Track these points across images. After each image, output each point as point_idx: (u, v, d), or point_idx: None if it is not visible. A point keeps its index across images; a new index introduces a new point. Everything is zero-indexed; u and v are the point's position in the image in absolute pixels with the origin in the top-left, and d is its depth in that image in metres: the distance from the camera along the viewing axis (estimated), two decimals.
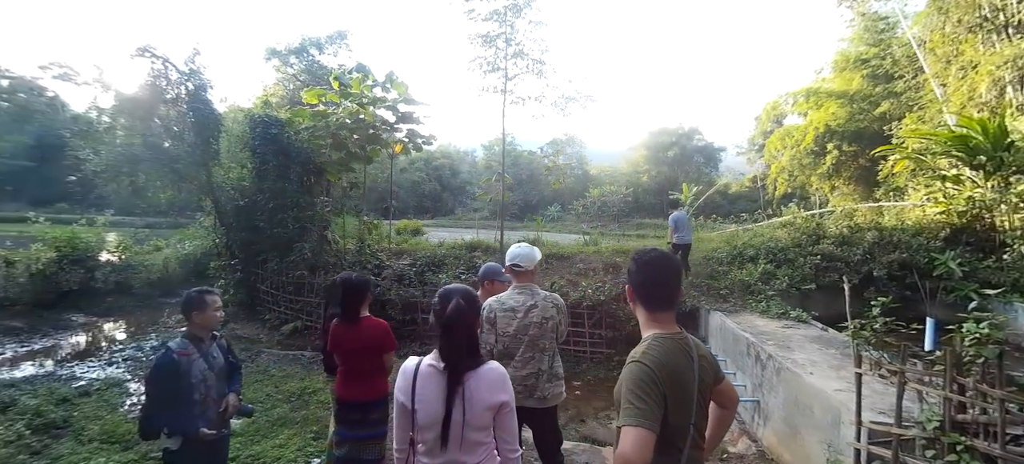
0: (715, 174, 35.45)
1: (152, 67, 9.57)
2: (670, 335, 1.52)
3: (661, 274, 1.58)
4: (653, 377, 1.38)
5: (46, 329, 9.28)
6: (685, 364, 1.49)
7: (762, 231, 10.82)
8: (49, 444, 4.73)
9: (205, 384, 2.65)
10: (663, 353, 1.45)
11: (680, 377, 1.46)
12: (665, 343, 1.48)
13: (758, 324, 6.19)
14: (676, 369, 1.45)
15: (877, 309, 2.72)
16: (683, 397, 1.46)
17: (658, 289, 1.57)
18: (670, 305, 1.57)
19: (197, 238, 13.85)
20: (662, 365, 1.41)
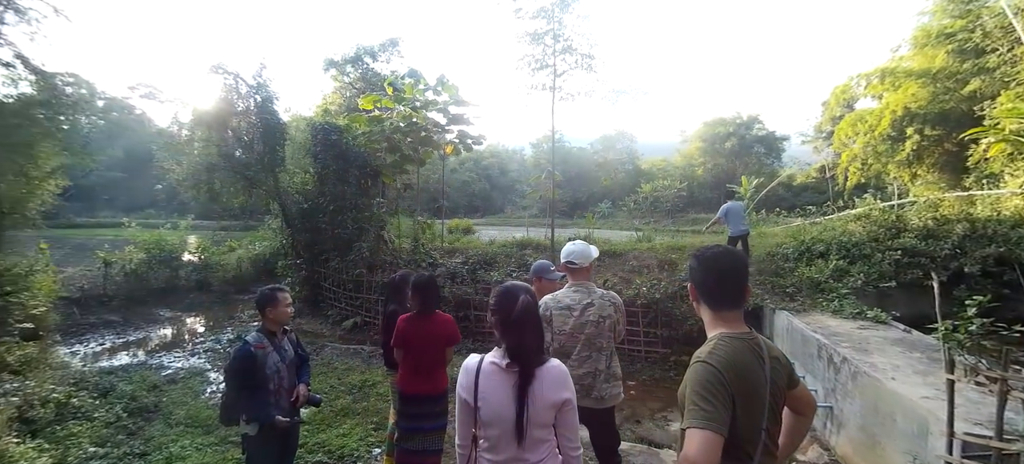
0: (778, 165, 33.44)
1: (225, 82, 10.34)
2: (738, 335, 1.44)
3: (725, 270, 1.50)
4: (720, 378, 1.32)
5: (138, 322, 10.27)
6: (755, 365, 1.41)
7: (833, 224, 10.09)
8: (143, 426, 5.23)
9: (278, 375, 2.83)
10: (731, 353, 1.38)
11: (750, 379, 1.38)
12: (733, 343, 1.41)
13: (830, 324, 5.79)
14: (745, 370, 1.38)
15: (973, 309, 2.46)
16: (753, 400, 1.38)
17: (722, 286, 1.50)
18: (736, 303, 1.50)
19: (266, 239, 14.82)
20: (730, 365, 1.35)
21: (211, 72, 10.25)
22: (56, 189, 10.49)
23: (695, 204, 30.40)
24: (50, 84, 9.39)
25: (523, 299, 1.69)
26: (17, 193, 8.96)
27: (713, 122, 34.62)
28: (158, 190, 16.92)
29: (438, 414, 3.28)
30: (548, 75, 9.81)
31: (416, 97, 10.03)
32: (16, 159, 8.72)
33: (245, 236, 16.52)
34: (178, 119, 11.42)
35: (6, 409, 4.50)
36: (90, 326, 9.66)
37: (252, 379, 2.75)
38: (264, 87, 10.54)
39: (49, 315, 7.75)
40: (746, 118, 33.98)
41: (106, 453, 4.48)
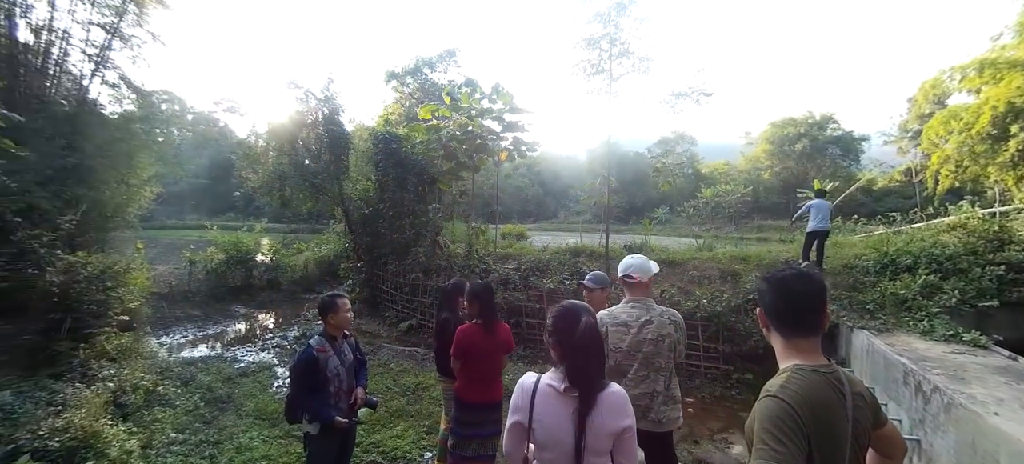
0: (855, 168, 30.95)
1: (297, 96, 11.06)
2: (815, 367, 1.29)
3: (799, 294, 1.34)
4: (794, 416, 1.18)
5: (216, 317, 11.14)
6: (835, 402, 1.26)
7: (921, 234, 9.13)
8: (217, 415, 5.63)
9: (338, 378, 2.97)
10: (806, 388, 1.24)
11: (829, 418, 1.23)
12: (809, 377, 1.27)
13: (918, 347, 5.22)
14: (823, 408, 1.23)
15: None
16: (832, 442, 1.23)
17: (796, 312, 1.35)
18: (812, 330, 1.35)
19: (330, 242, 15.65)
20: (805, 402, 1.21)
21: (286, 87, 11.02)
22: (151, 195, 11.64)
23: (761, 210, 28.80)
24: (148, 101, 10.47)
25: (585, 321, 1.62)
26: (119, 199, 10.03)
27: (781, 122, 32.65)
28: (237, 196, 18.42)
29: (495, 421, 3.31)
30: (604, 80, 9.65)
31: (472, 105, 10.21)
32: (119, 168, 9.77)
33: (312, 239, 17.53)
34: (255, 131, 12.34)
35: (103, 393, 5.00)
36: (175, 319, 10.60)
37: (314, 381, 2.89)
38: (331, 100, 11.15)
39: (142, 308, 8.55)
40: (819, 117, 31.77)
41: (185, 439, 4.86)
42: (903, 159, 27.68)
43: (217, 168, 36.74)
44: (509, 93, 10.02)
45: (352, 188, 11.55)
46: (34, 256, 5.84)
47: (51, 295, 5.85)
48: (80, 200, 7.78)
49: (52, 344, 5.69)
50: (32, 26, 8.29)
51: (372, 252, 10.95)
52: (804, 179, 26.55)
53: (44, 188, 6.94)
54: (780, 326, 1.38)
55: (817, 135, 31.07)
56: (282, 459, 4.50)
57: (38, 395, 4.64)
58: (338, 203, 11.29)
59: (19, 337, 5.41)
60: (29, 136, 6.66)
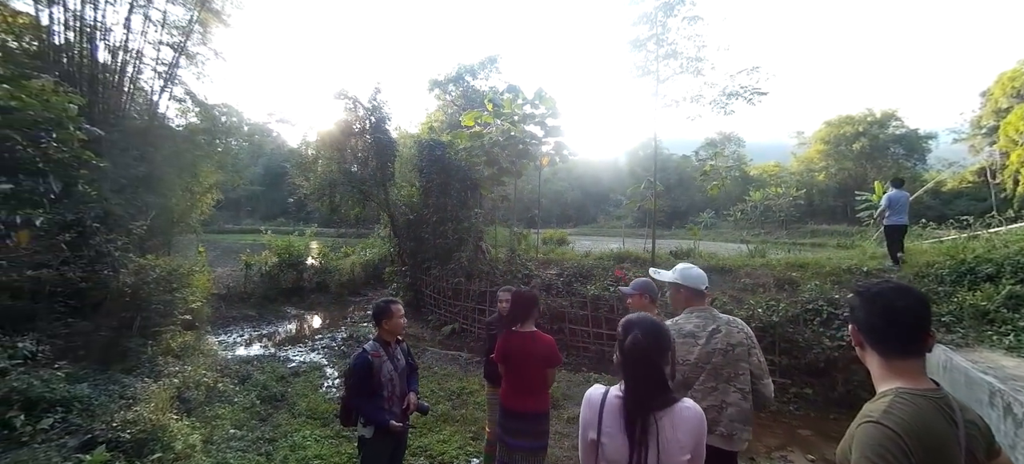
0: (922, 168, 28.86)
1: (345, 106, 11.44)
2: (922, 392, 1.18)
3: (900, 310, 1.23)
4: (900, 445, 1.08)
5: (270, 317, 11.64)
6: (946, 431, 1.15)
7: (1004, 240, 8.34)
8: (272, 413, 5.85)
9: (391, 383, 3.01)
10: (913, 415, 1.13)
11: (938, 446, 1.12)
12: (916, 401, 1.16)
13: (1004, 365, 4.75)
14: (932, 436, 1.12)
15: None
16: None
17: (898, 329, 1.24)
18: (917, 351, 1.23)
19: (375, 247, 16.08)
20: (912, 431, 1.11)
21: (335, 97, 11.42)
22: (212, 201, 12.36)
23: (815, 214, 27.37)
24: (210, 114, 11.15)
25: (632, 336, 1.58)
26: (184, 205, 10.71)
27: (838, 121, 30.92)
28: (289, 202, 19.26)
29: (539, 433, 3.21)
30: (650, 82, 9.43)
31: (514, 111, 10.23)
32: (184, 177, 10.44)
33: (358, 244, 18.08)
34: (306, 140, 12.90)
35: (169, 389, 5.30)
36: (232, 319, 11.16)
37: (369, 385, 2.94)
38: (379, 109, 11.48)
39: (203, 308, 9.05)
40: (879, 115, 29.87)
41: (242, 435, 5.07)
42: (976, 158, 25.57)
43: (271, 175, 38.66)
44: (551, 98, 9.98)
45: (397, 194, 11.83)
46: (110, 259, 6.28)
47: (124, 295, 6.28)
48: (149, 207, 8.34)
49: (124, 340, 6.10)
50: (110, 47, 9.01)
51: (416, 256, 11.16)
52: (863, 181, 24.95)
53: (119, 196, 7.48)
54: (878, 345, 1.28)
55: (878, 134, 29.19)
56: (333, 459, 4.61)
57: (111, 388, 4.98)
58: (384, 208, 11.59)
59: (96, 334, 5.82)
60: (106, 148, 7.21)
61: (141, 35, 9.36)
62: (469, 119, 11.00)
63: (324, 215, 16.31)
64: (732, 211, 21.68)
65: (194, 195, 11.21)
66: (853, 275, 7.57)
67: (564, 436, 4.94)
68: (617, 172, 42.48)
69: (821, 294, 6.93)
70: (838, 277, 7.57)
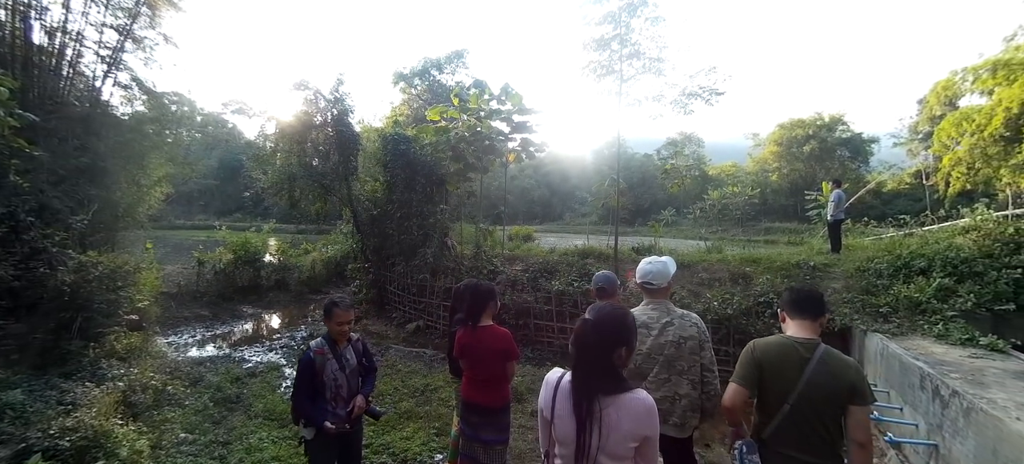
0: (865, 170, 30.68)
1: (306, 97, 11.07)
2: (794, 338, 2.16)
3: (798, 294, 2.32)
4: (753, 354, 2.17)
5: (225, 317, 11.19)
6: (790, 360, 2.08)
7: (935, 237, 9.01)
8: (226, 415, 5.63)
9: (335, 383, 2.91)
10: (774, 345, 2.17)
11: (778, 366, 2.10)
12: (783, 341, 2.17)
13: (934, 351, 5.14)
14: (777, 358, 2.11)
15: None
16: (781, 381, 2.08)
17: (795, 304, 2.28)
18: (801, 316, 2.22)
19: (337, 243, 15.69)
20: (764, 349, 2.16)
21: (294, 89, 11.02)
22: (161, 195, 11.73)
23: (769, 212, 28.61)
24: (159, 103, 10.59)
25: (582, 323, 1.66)
26: (130, 199, 10.12)
27: (790, 124, 32.43)
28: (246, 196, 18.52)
29: (500, 427, 3.23)
30: (613, 81, 9.60)
31: (481, 107, 10.19)
32: (130, 169, 9.87)
33: (319, 240, 17.60)
34: (264, 132, 12.37)
35: (113, 393, 5.02)
36: (184, 319, 10.65)
37: (310, 384, 2.86)
38: (341, 101, 11.18)
39: (151, 308, 8.60)
40: (828, 119, 31.51)
41: (194, 439, 4.87)
42: (913, 161, 27.41)
43: (226, 168, 37.08)
44: (518, 94, 10.00)
45: (360, 189, 11.57)
46: (46, 255, 5.89)
47: (62, 294, 5.89)
48: (92, 200, 7.85)
49: (63, 343, 5.73)
50: (46, 28, 8.40)
51: (380, 253, 10.97)
52: (813, 181, 26.30)
53: (57, 188, 7.01)
54: (786, 312, 2.31)
55: (826, 137, 30.83)
56: (292, 460, 4.49)
57: (49, 394, 4.67)
58: (346, 204, 11.31)
59: (31, 336, 5.44)
60: (43, 136, 6.73)
61: (82, 15, 8.77)
62: (435, 113, 10.89)
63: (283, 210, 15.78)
64: (692, 209, 22.42)
65: (142, 188, 10.60)
66: (801, 269, 7.99)
67: (528, 429, 4.99)
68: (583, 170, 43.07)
69: (772, 288, 7.28)
70: (788, 272, 7.97)
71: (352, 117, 11.43)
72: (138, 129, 10.03)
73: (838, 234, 9.77)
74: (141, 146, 9.89)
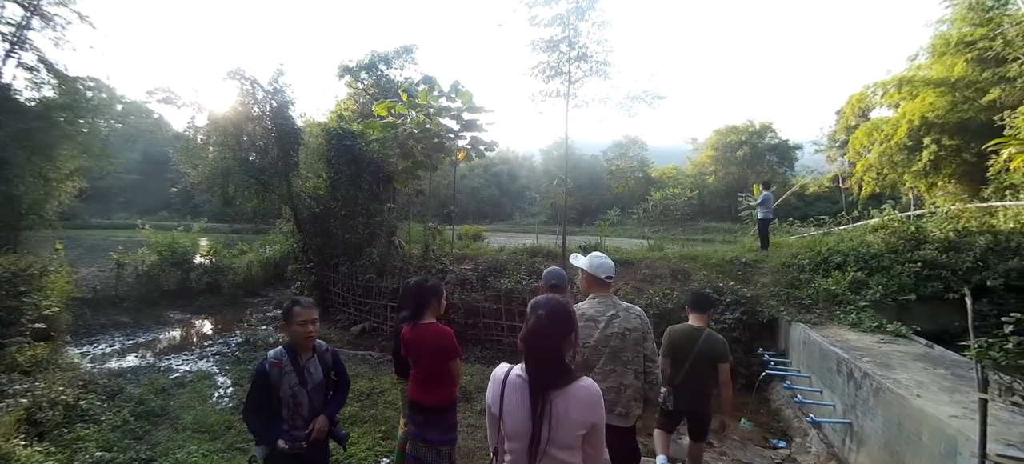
0: (790, 174, 33.06)
1: (241, 88, 10.42)
2: (689, 325, 3.67)
3: (696, 294, 3.93)
4: (670, 337, 3.67)
5: (148, 324, 10.32)
6: (689, 338, 3.58)
7: (850, 235, 9.89)
8: (150, 430, 5.21)
9: (293, 399, 2.55)
10: (679, 329, 3.67)
11: (682, 342, 3.60)
12: (685, 326, 3.67)
13: (849, 338, 5.64)
14: (681, 338, 3.60)
15: (1010, 326, 2.35)
16: (684, 351, 3.56)
17: (693, 303, 3.77)
18: (697, 309, 3.71)
19: (277, 243, 14.91)
20: (674, 333, 3.65)
21: (228, 78, 10.36)
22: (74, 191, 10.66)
23: (706, 213, 30.15)
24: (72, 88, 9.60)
25: (535, 317, 1.65)
26: (36, 194, 9.12)
27: (725, 130, 34.37)
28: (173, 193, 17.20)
29: (446, 426, 3.19)
30: (562, 82, 9.78)
31: (430, 103, 10.05)
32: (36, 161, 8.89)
33: (256, 240, 16.65)
34: (194, 124, 11.48)
35: (14, 410, 4.51)
36: (101, 327, 9.74)
37: (263, 398, 2.50)
38: (280, 92, 10.62)
39: (61, 315, 7.82)
40: (758, 126, 33.69)
41: (112, 458, 4.45)
42: (831, 167, 29.88)
43: (151, 163, 34.23)
44: (468, 92, 9.95)
45: (302, 186, 11.05)
46: None
47: None
48: None
49: None
50: None
51: (323, 253, 10.53)
52: (745, 184, 28.03)
53: None
54: (689, 308, 3.75)
55: (757, 143, 32.93)
56: None
57: None
58: (286, 201, 10.76)
59: None
60: None
61: None
62: (382, 108, 10.62)
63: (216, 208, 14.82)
64: (636, 209, 23.22)
65: (50, 183, 9.58)
66: (734, 265, 8.51)
67: (477, 428, 4.98)
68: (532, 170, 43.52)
69: (708, 283, 7.70)
70: (723, 267, 8.47)
71: (293, 110, 10.91)
72: (46, 117, 9.04)
73: (766, 233, 10.47)
74: (49, 136, 8.93)
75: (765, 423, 5.65)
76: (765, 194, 10.79)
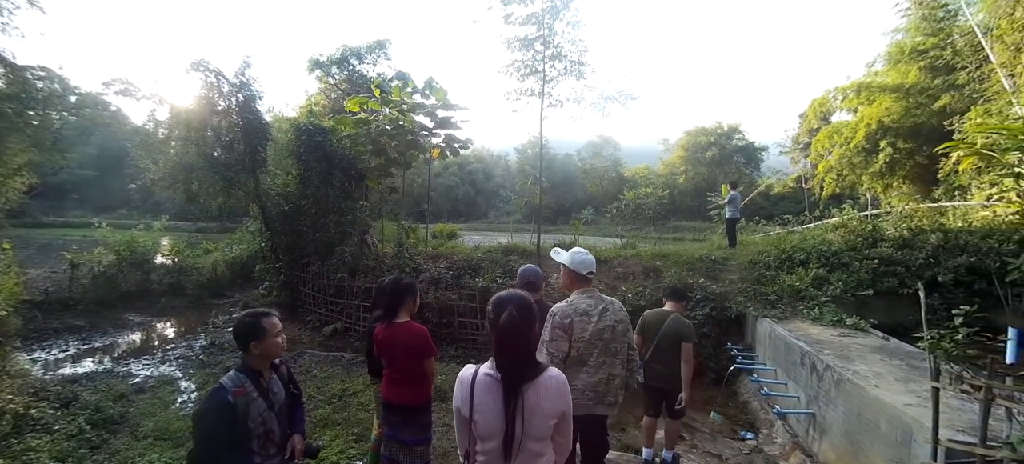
0: (757, 175, 34.12)
1: (206, 80, 10.03)
2: (662, 310, 4.31)
3: (671, 287, 4.65)
4: (642, 320, 4.32)
5: (106, 328, 9.83)
6: (658, 321, 4.20)
7: (812, 234, 10.29)
8: (107, 439, 4.97)
9: (264, 427, 2.18)
10: (652, 313, 4.36)
11: (652, 324, 4.23)
12: (656, 311, 4.34)
13: (812, 332, 5.86)
14: (652, 320, 4.26)
15: (960, 318, 2.49)
16: (653, 330, 4.18)
17: (669, 294, 4.49)
18: (671, 300, 4.42)
19: (244, 242, 14.45)
20: (647, 316, 4.33)
21: (191, 69, 9.95)
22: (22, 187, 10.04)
23: (677, 212, 30.80)
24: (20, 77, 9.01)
25: (508, 312, 1.63)
26: None
27: (695, 131, 35.19)
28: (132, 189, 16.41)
29: (421, 426, 3.16)
30: (536, 81, 9.81)
31: (404, 100, 9.91)
32: None
33: (222, 238, 16.09)
34: (155, 117, 10.96)
35: None
36: (53, 331, 9.23)
37: (230, 435, 2.07)
38: (247, 86, 10.27)
39: (10, 319, 7.35)
40: (726, 128, 34.63)
41: None
42: (795, 168, 31.03)
43: (108, 158, 32.65)
44: (443, 89, 9.87)
45: (270, 183, 10.73)
46: None
47: None
48: None
49: None
50: None
51: (292, 252, 10.25)
52: (714, 184, 28.81)
53: None
54: (666, 297, 4.43)
55: (725, 144, 33.86)
56: None
57: None
58: (254, 199, 10.42)
59: None
60: None
61: None
62: (354, 104, 10.42)
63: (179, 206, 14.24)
64: (609, 208, 23.57)
65: None
66: (703, 262, 8.74)
67: (452, 427, 4.92)
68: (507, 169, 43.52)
69: (679, 280, 7.88)
70: (693, 265, 8.68)
71: (261, 104, 10.57)
72: None
73: (734, 231, 10.81)
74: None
75: (734, 415, 5.83)
76: (733, 194, 11.18)
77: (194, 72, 9.91)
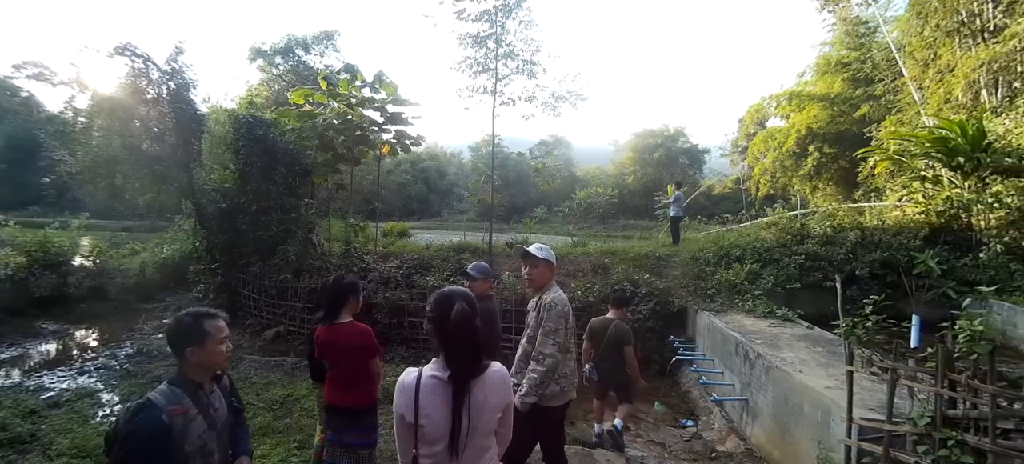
0: (700, 176, 35.82)
1: (132, 66, 9.28)
2: (607, 316, 4.73)
3: (617, 296, 5.10)
4: (590, 327, 4.79)
5: (14, 337, 8.87)
6: (603, 328, 4.65)
7: (747, 232, 10.93)
8: (15, 460, 4.51)
9: (204, 450, 1.84)
10: (597, 320, 4.82)
11: (599, 330, 4.69)
12: (600, 318, 4.81)
13: (746, 323, 6.22)
14: (598, 327, 4.69)
15: (869, 307, 2.73)
16: (600, 335, 4.61)
17: (613, 302, 4.94)
18: (615, 305, 4.86)
19: (176, 241, 13.49)
20: (595, 322, 4.83)
21: (116, 54, 9.17)
22: None
23: (626, 211, 31.77)
24: None
25: (458, 307, 1.58)
26: None
27: (643, 133, 36.47)
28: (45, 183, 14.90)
29: (366, 428, 3.08)
30: (489, 79, 9.80)
31: (352, 93, 9.62)
32: None
33: (151, 238, 14.95)
34: (73, 105, 10.02)
35: None
36: None
37: (166, 461, 1.72)
38: (180, 73, 9.60)
39: None
40: (673, 131, 36.13)
41: None
42: (734, 170, 32.85)
43: (17, 148, 29.55)
44: (393, 83, 9.66)
45: (206, 178, 10.09)
46: None
47: None
48: None
49: None
50: None
51: (230, 252, 9.69)
52: (660, 184, 29.98)
53: None
54: (611, 305, 4.86)
55: (671, 146, 35.34)
56: None
57: None
58: (187, 195, 9.76)
59: None
60: None
61: None
62: (299, 97, 10.01)
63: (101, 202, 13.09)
64: (561, 207, 23.96)
65: None
66: (649, 259, 9.08)
67: None
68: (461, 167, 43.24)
69: (626, 276, 8.14)
70: (639, 262, 9.00)
71: (195, 94, 9.92)
72: None
73: (678, 229, 11.36)
74: None
75: (676, 405, 6.09)
76: (677, 194, 11.79)
77: (119, 57, 9.16)
